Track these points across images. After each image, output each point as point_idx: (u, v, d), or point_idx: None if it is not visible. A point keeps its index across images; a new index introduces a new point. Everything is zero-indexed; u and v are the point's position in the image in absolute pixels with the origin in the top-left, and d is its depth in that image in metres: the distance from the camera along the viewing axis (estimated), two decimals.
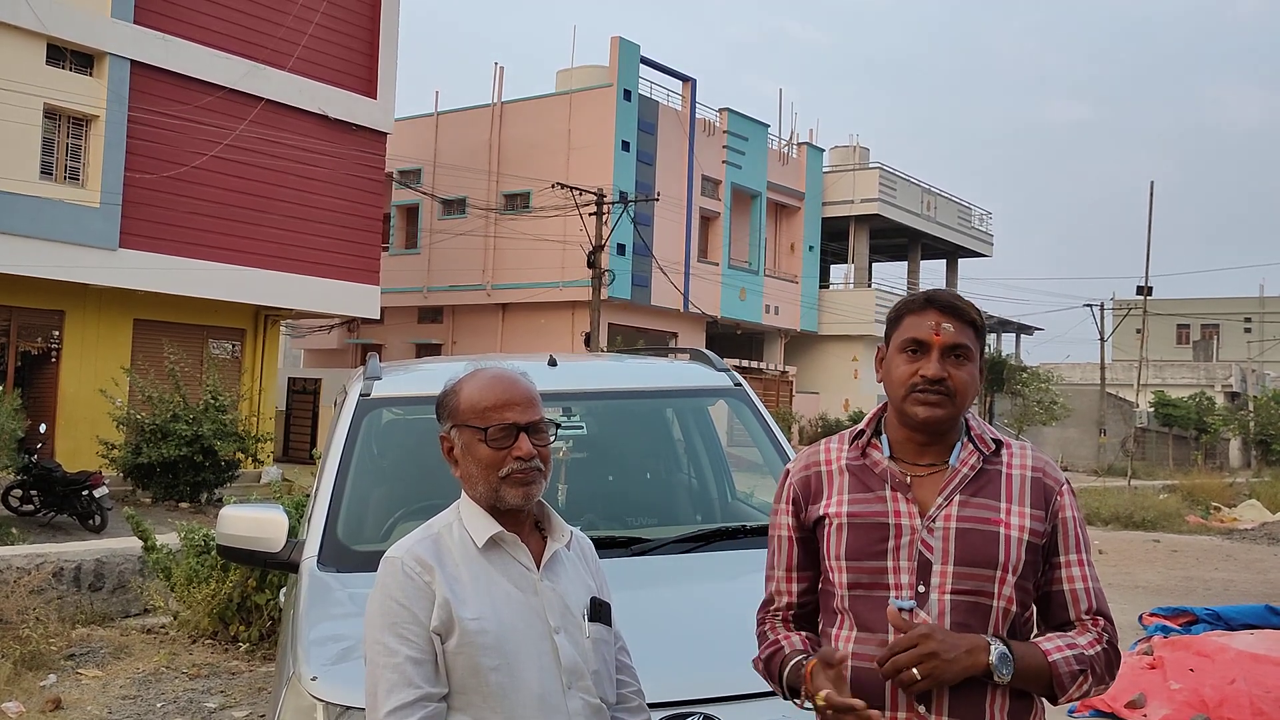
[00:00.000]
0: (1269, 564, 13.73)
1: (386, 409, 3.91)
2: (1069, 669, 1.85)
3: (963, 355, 1.94)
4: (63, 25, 17.85)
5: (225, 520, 3.43)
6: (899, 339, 1.97)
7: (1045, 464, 1.98)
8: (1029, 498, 1.92)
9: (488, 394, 1.99)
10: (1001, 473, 1.94)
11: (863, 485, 1.98)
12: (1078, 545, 1.94)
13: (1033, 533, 1.90)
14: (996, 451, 1.97)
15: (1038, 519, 1.91)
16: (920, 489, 1.94)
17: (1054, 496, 1.94)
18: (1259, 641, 6.64)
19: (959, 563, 1.88)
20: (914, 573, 1.90)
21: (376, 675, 1.86)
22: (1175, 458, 43.13)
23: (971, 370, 1.95)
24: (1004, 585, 1.88)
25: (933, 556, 1.89)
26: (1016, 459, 1.97)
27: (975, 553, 1.88)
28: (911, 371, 1.93)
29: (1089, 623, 1.92)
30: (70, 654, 6.69)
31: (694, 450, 4.54)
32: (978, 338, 1.97)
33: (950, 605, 1.87)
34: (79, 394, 18.73)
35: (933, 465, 1.96)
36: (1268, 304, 63.30)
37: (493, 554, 1.96)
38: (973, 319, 1.96)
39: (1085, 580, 1.93)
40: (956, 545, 1.89)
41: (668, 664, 2.55)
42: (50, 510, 13.76)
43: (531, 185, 29.37)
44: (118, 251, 18.54)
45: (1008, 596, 1.89)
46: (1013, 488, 1.93)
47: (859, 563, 1.94)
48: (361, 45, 22.75)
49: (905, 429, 1.98)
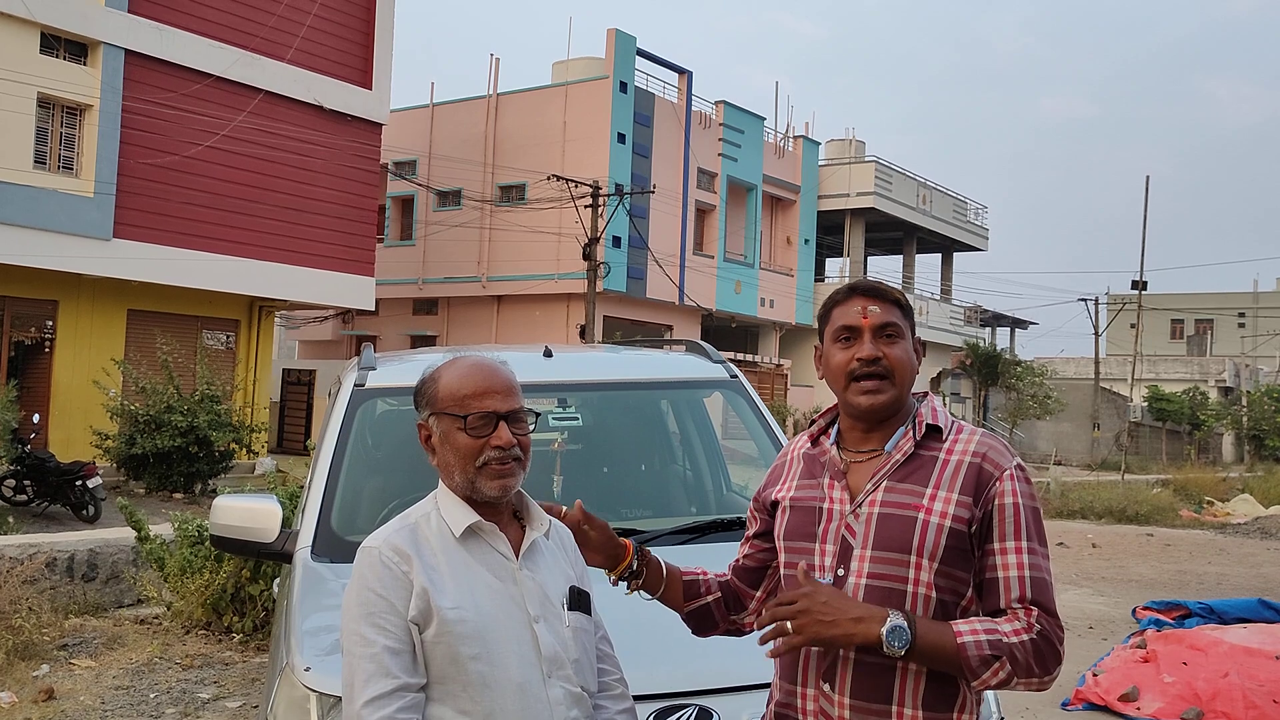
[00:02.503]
0: (1262, 558, 13.78)
1: (381, 400, 3.90)
2: (979, 653, 1.78)
3: (893, 334, 1.97)
4: (56, 14, 17.78)
5: (219, 511, 3.42)
6: (831, 331, 2.03)
7: (991, 449, 1.93)
8: (959, 484, 1.90)
9: (467, 382, 1.98)
10: (938, 459, 1.93)
11: (809, 472, 2.06)
12: (1017, 532, 1.87)
13: (956, 519, 1.87)
14: (938, 437, 1.96)
15: (964, 505, 1.88)
16: (855, 475, 1.98)
17: (992, 483, 1.89)
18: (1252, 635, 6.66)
19: (876, 547, 1.90)
20: (835, 555, 1.93)
21: (354, 665, 1.84)
22: (1169, 452, 43.22)
23: (905, 347, 1.98)
24: (920, 571, 1.87)
25: (854, 541, 1.92)
26: (960, 445, 1.94)
27: (891, 538, 1.89)
28: (848, 358, 1.97)
29: (1020, 611, 1.84)
30: (63, 644, 6.68)
31: (689, 442, 4.53)
32: (905, 318, 2.01)
33: (865, 589, 1.89)
34: (72, 384, 18.69)
35: (873, 451, 1.99)
36: (1261, 299, 63.41)
37: (471, 543, 1.95)
38: (896, 299, 2.01)
39: (1020, 568, 1.86)
40: (876, 530, 1.90)
41: (661, 656, 2.55)
42: (44, 500, 13.73)
43: (527, 177, 29.32)
44: (111, 241, 18.50)
45: (926, 583, 1.87)
46: (944, 474, 1.91)
47: (794, 543, 2.01)
48: (357, 36, 22.69)
49: (849, 418, 2.03)
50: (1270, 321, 60.45)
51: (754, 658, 2.14)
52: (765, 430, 4.03)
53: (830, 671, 1.90)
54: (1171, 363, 55.52)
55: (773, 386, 32.93)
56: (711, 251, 33.09)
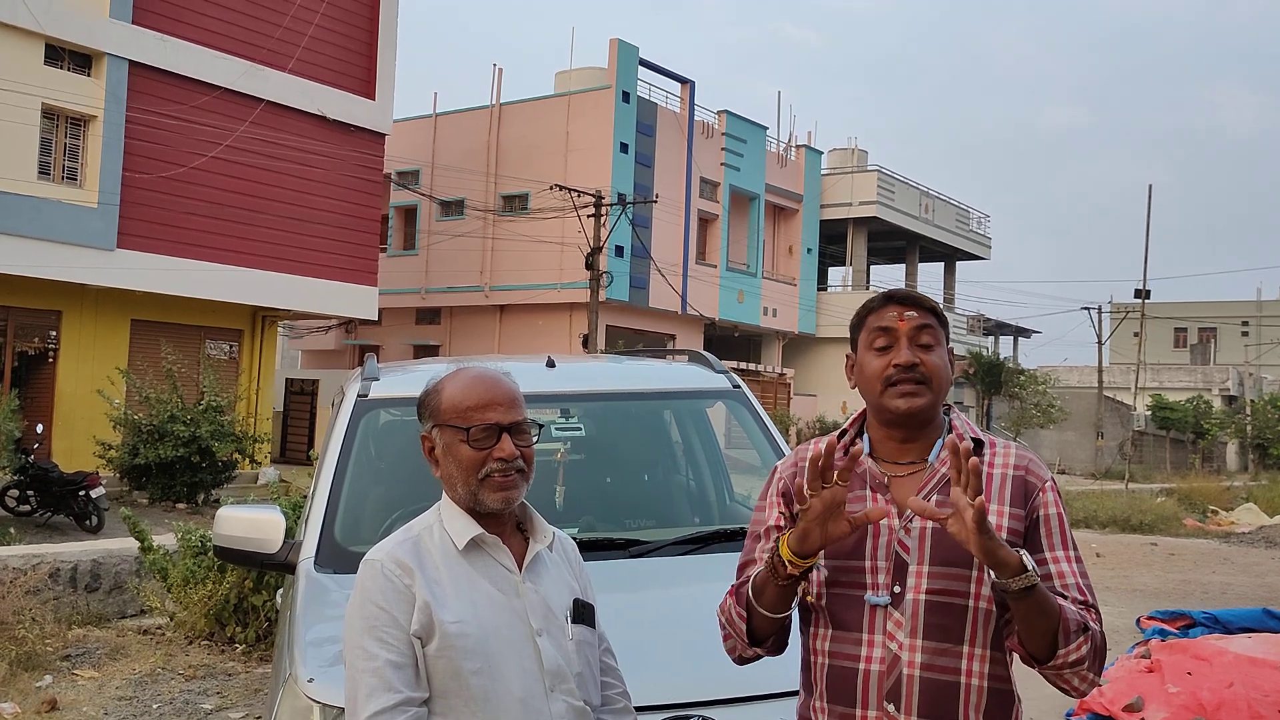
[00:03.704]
0: (1266, 567, 13.74)
1: (384, 410, 3.90)
2: (1077, 622, 1.78)
3: (930, 340, 1.95)
4: (61, 25, 17.84)
5: (222, 521, 3.41)
6: (866, 337, 2.00)
7: (1029, 462, 1.95)
8: (1009, 496, 1.90)
9: (470, 394, 1.97)
10: (982, 471, 1.87)
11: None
12: (1064, 542, 1.89)
13: (1011, 531, 1.87)
14: (979, 450, 1.94)
15: (1016, 517, 1.88)
16: (899, 489, 1.93)
17: (1036, 494, 1.90)
18: (1256, 645, 6.63)
19: (934, 563, 1.87)
20: (890, 573, 1.89)
21: (356, 679, 1.84)
22: (1172, 461, 43.16)
23: (941, 355, 1.96)
24: (980, 585, 1.85)
25: (909, 557, 1.88)
26: (1000, 457, 1.95)
27: (950, 553, 1.85)
28: (884, 364, 1.94)
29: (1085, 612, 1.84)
30: (66, 655, 6.67)
31: (692, 452, 4.53)
32: (941, 326, 1.99)
33: (926, 606, 1.86)
34: (76, 394, 18.71)
35: (913, 464, 1.96)
36: (1265, 307, 63.37)
37: (474, 556, 1.94)
38: (932, 307, 1.99)
39: (1075, 575, 1.87)
40: (932, 545, 1.87)
41: (666, 666, 2.55)
42: (47, 511, 13.72)
43: (530, 187, 29.36)
44: (115, 252, 18.52)
45: (986, 597, 1.85)
46: (992, 486, 1.90)
47: (837, 561, 1.93)
48: (360, 46, 22.74)
49: (884, 427, 1.99)
50: (1274, 330, 60.39)
51: (757, 669, 2.13)
52: (768, 440, 4.03)
53: (895, 692, 1.86)
54: (1175, 371, 55.49)
55: (776, 396, 32.91)
56: (714, 261, 33.11)
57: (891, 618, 1.88)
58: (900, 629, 1.87)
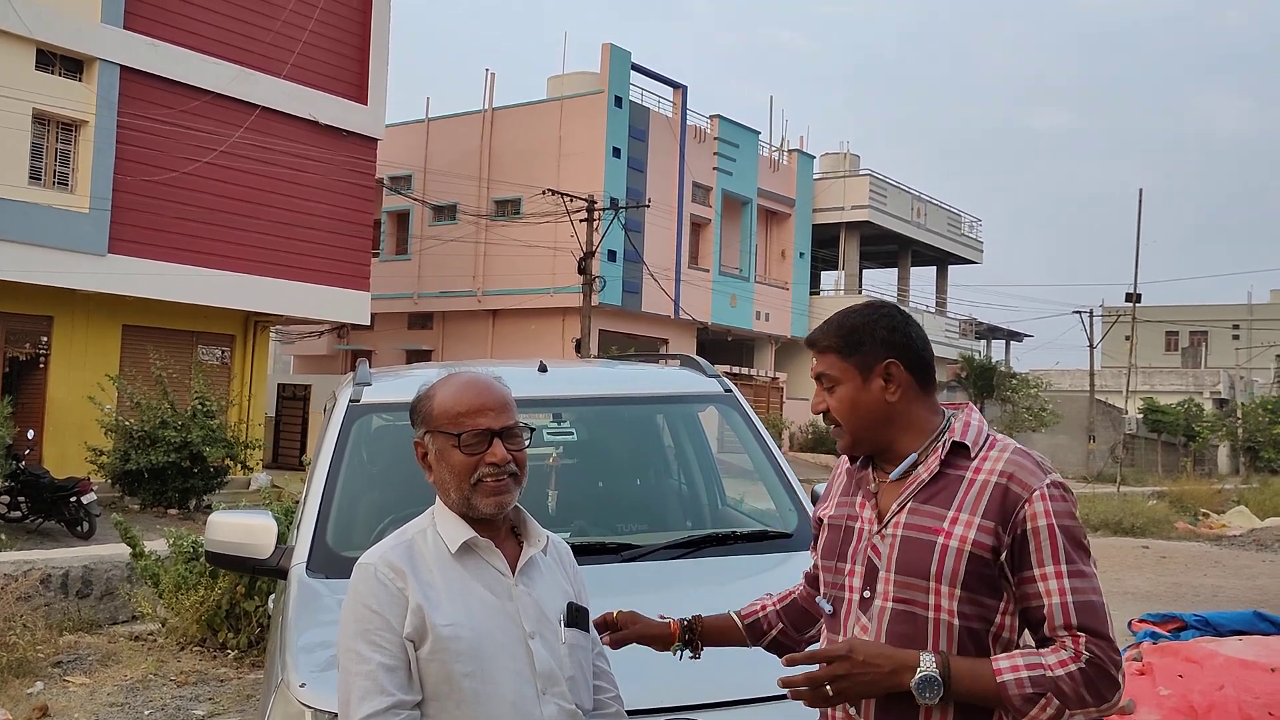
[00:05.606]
0: (1257, 570, 13.77)
1: (376, 415, 3.90)
2: (1020, 691, 1.71)
3: (830, 383, 1.99)
4: (52, 30, 17.82)
5: (214, 527, 3.41)
6: None
7: (1019, 468, 1.84)
8: (984, 506, 1.82)
9: (461, 399, 1.98)
10: (963, 479, 1.86)
11: (848, 490, 2.05)
12: (1055, 556, 1.78)
13: (977, 544, 1.80)
14: (966, 455, 1.89)
15: (986, 530, 1.80)
16: (886, 494, 1.95)
17: (1020, 506, 1.80)
18: (1247, 647, 6.65)
19: (898, 571, 1.87)
20: (863, 577, 1.92)
21: (349, 682, 1.84)
22: (1164, 464, 43.27)
23: (843, 392, 1.96)
24: (939, 597, 1.82)
25: (879, 563, 1.90)
26: (988, 464, 1.86)
27: (911, 562, 1.85)
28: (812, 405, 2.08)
29: (1067, 639, 1.75)
30: (57, 661, 6.65)
31: (684, 456, 4.53)
32: (842, 357, 1.96)
33: (890, 613, 1.87)
34: (67, 400, 18.65)
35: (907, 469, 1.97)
36: (1256, 311, 63.64)
37: (467, 559, 1.95)
38: (828, 344, 1.99)
39: (1063, 594, 1.77)
40: (899, 553, 1.87)
41: (658, 671, 2.55)
42: (38, 517, 13.68)
43: (522, 191, 29.37)
44: (106, 257, 18.49)
45: (948, 609, 1.81)
46: (968, 495, 1.84)
47: (829, 562, 2.02)
48: (352, 51, 22.74)
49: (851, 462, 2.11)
50: (1264, 333, 60.65)
51: (751, 672, 2.14)
52: (760, 444, 4.03)
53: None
54: (1166, 375, 55.64)
55: (768, 400, 32.95)
56: (707, 265, 33.14)
57: (859, 622, 1.91)
58: (866, 634, 1.89)
